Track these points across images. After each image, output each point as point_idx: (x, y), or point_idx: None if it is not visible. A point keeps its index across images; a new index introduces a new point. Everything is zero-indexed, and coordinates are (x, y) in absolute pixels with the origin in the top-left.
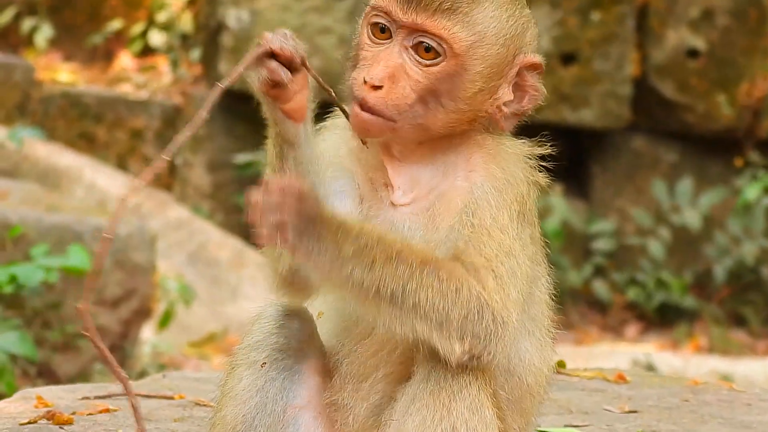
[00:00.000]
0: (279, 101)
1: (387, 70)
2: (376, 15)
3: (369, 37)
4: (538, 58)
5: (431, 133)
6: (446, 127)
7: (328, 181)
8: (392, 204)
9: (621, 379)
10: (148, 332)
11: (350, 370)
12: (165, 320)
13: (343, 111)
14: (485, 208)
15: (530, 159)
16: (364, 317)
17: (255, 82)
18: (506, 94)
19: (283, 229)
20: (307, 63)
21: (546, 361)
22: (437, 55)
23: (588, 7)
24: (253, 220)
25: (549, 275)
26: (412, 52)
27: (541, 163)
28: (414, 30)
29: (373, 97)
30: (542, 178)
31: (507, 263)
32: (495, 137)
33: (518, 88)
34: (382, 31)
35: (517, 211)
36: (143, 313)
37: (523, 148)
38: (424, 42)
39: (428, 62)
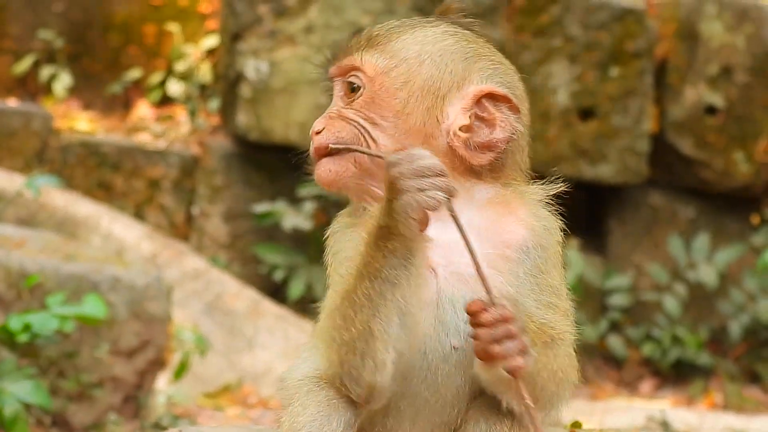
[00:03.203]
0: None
1: (326, 116)
2: (326, 87)
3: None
4: (496, 88)
5: None
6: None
7: None
8: None
9: None
10: (163, 383)
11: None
12: (180, 371)
13: None
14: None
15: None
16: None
17: (411, 203)
18: (459, 119)
19: (521, 352)
20: None
21: None
22: (358, 86)
23: (607, 63)
24: (486, 340)
25: None
26: (344, 97)
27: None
28: (340, 75)
29: (318, 138)
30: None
31: None
32: (513, 182)
33: (482, 119)
34: (328, 101)
35: None
36: (158, 364)
37: (541, 192)
38: (347, 82)
39: (354, 97)
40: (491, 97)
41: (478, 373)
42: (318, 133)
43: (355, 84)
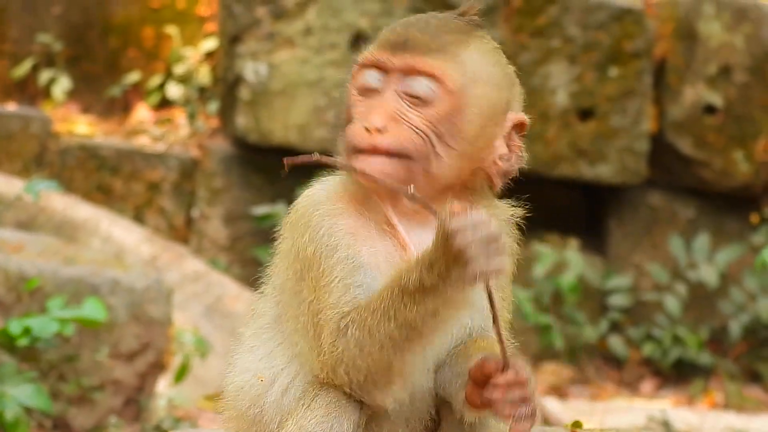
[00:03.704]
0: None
1: (386, 113)
2: (366, 70)
3: (360, 93)
4: (526, 118)
5: (438, 182)
6: (453, 176)
7: (366, 256)
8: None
9: None
10: (163, 386)
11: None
12: (181, 373)
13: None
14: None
15: (513, 223)
16: None
17: (479, 274)
18: (501, 146)
19: (531, 416)
20: None
21: None
22: (432, 95)
23: (605, 63)
24: (498, 401)
25: None
26: (407, 98)
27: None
28: (406, 73)
29: (381, 139)
30: (516, 245)
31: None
32: (488, 200)
33: (509, 146)
34: (372, 86)
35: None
36: (159, 367)
37: (510, 211)
38: (416, 84)
39: (424, 105)
40: (520, 126)
41: (462, 410)
42: (378, 130)
43: (428, 91)
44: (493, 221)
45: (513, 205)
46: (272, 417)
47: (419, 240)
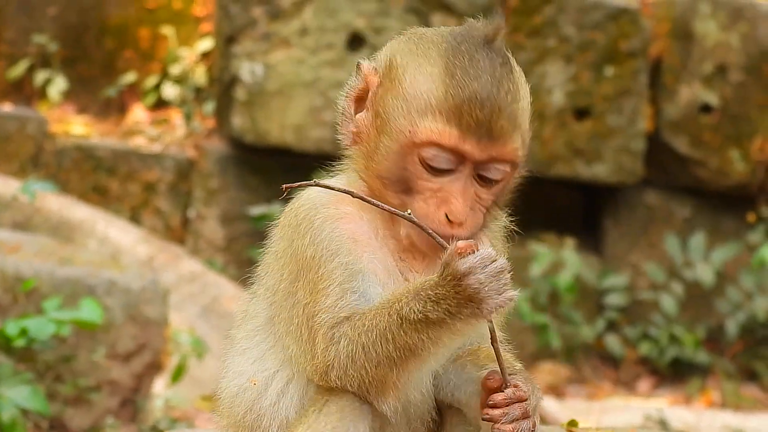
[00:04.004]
0: None
1: (467, 205)
2: (439, 151)
3: (427, 169)
4: None
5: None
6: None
7: (366, 262)
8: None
9: None
10: (160, 386)
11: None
12: (177, 374)
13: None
14: None
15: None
16: None
17: (491, 309)
18: None
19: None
20: None
21: None
22: (504, 175)
23: (601, 63)
24: (499, 418)
25: None
26: (481, 182)
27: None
28: (487, 162)
29: (461, 231)
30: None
31: None
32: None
33: None
34: (445, 168)
35: None
36: (155, 367)
37: (504, 220)
38: (494, 171)
39: (495, 183)
40: None
41: (476, 417)
42: (461, 224)
43: (503, 173)
44: (499, 253)
45: (508, 213)
46: (270, 422)
47: (429, 265)
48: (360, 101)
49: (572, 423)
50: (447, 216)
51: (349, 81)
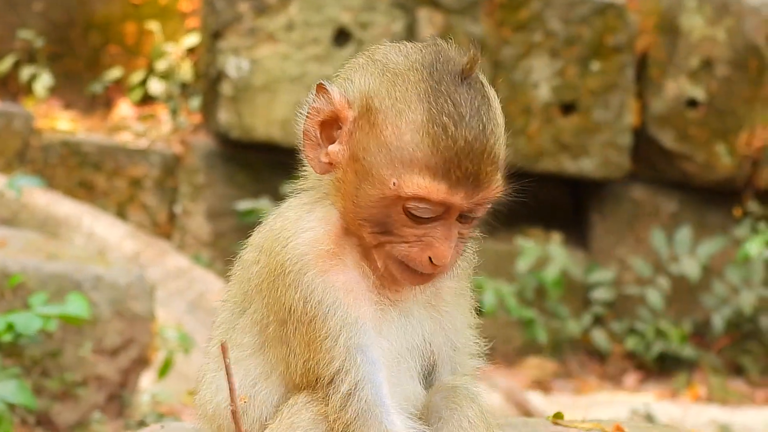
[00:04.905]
0: None
1: (452, 247)
2: (427, 205)
3: (411, 218)
4: None
5: None
6: None
7: (362, 311)
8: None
9: (619, 430)
10: (147, 381)
11: None
12: (164, 369)
13: None
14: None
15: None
16: None
17: None
18: None
19: None
20: None
21: None
22: (485, 207)
23: (588, 57)
24: None
25: None
26: (462, 222)
27: None
28: (474, 205)
29: (444, 268)
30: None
31: None
32: None
33: None
34: (430, 217)
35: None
36: (142, 362)
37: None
38: (479, 210)
39: (476, 216)
40: None
41: None
42: (443, 262)
43: (483, 211)
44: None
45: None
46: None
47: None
48: (327, 128)
49: (557, 415)
50: (431, 258)
51: (311, 100)
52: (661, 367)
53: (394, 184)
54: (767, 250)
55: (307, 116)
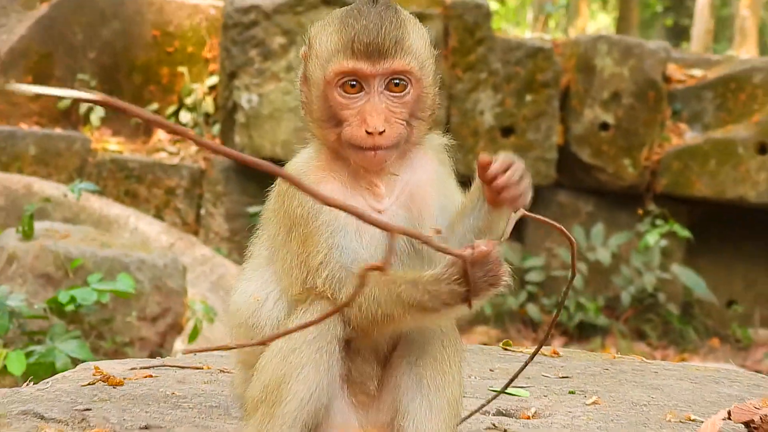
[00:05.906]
0: None
1: (381, 116)
2: (345, 77)
3: (343, 97)
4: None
5: (412, 144)
6: (421, 136)
7: (343, 218)
8: (379, 210)
9: (555, 354)
10: (179, 344)
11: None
12: (194, 334)
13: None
14: (450, 183)
15: (444, 147)
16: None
17: (485, 296)
18: (437, 96)
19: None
20: None
21: None
22: (405, 86)
23: (523, 91)
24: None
25: None
26: (387, 93)
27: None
28: (386, 76)
29: (382, 140)
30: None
31: None
32: (426, 135)
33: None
34: (352, 87)
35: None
36: (176, 328)
37: (440, 140)
38: (394, 80)
39: (401, 94)
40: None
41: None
42: (381, 133)
43: (404, 85)
44: (497, 248)
45: (441, 135)
46: (266, 323)
47: (389, 186)
48: (303, 77)
49: (506, 343)
50: (366, 131)
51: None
52: (581, 334)
53: (324, 76)
54: (663, 241)
55: (298, 82)
